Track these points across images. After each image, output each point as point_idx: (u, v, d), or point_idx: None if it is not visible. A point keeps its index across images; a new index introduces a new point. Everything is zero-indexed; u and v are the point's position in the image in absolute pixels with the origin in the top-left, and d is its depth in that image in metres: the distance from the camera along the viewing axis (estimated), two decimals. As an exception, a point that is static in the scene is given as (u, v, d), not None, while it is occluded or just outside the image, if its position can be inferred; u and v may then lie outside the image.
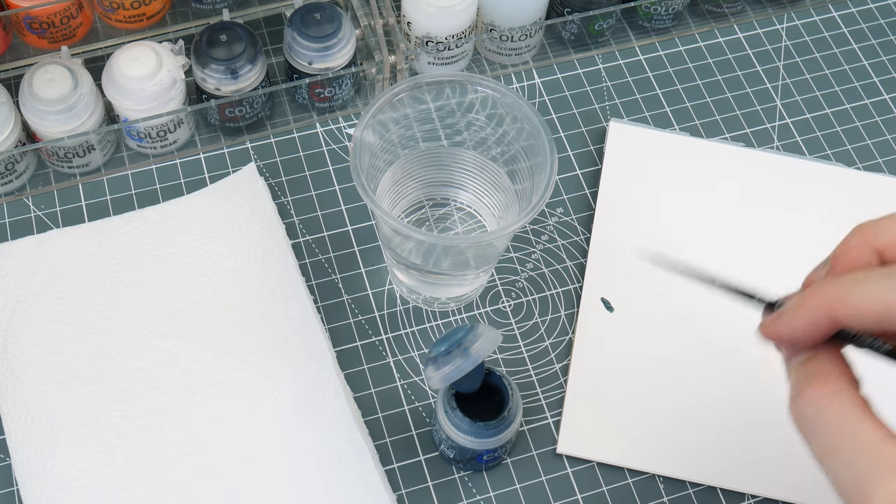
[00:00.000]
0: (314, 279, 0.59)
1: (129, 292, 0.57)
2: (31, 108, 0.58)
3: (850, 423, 0.35)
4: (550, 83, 0.68)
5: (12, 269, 0.57)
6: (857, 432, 0.35)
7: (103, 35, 0.66)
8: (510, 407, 0.50)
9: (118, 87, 0.59)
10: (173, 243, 0.59)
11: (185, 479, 0.52)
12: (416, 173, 0.58)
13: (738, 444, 0.54)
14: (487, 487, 0.54)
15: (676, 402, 0.56)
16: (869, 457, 0.34)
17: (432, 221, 0.59)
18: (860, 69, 0.70)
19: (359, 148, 0.50)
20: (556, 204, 0.63)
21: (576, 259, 0.61)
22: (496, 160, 0.56)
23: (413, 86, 0.52)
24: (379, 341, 0.58)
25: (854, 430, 0.35)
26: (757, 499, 0.54)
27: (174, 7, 0.67)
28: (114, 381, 0.54)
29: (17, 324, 0.56)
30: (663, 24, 0.70)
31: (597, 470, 0.54)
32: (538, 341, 0.58)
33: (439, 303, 0.59)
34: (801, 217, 0.62)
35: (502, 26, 0.66)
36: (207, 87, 0.61)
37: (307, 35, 0.61)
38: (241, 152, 0.64)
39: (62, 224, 0.61)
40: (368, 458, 0.53)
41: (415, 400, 0.56)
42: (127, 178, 0.63)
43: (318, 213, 0.62)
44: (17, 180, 0.61)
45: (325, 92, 0.63)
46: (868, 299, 0.35)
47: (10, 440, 0.53)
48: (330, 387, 0.55)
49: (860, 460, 0.35)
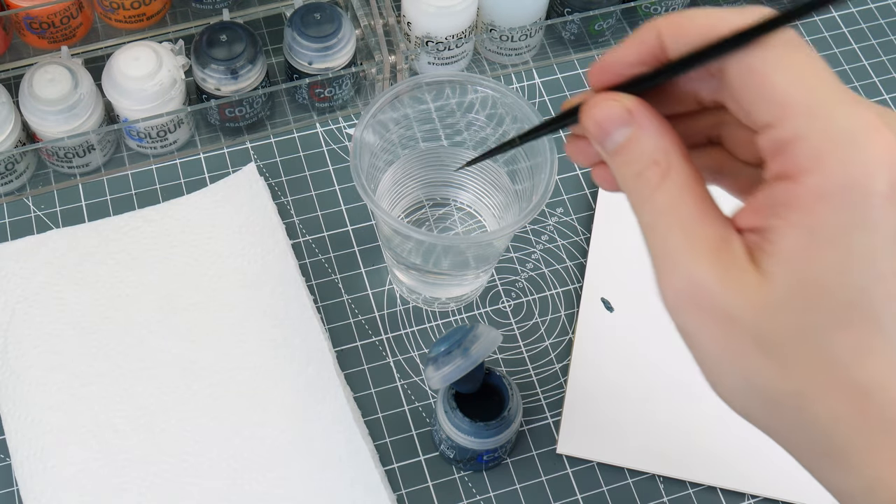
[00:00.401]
0: (314, 279, 0.59)
1: (129, 292, 0.57)
2: (31, 108, 0.58)
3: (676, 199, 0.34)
4: (550, 83, 0.68)
5: (12, 269, 0.57)
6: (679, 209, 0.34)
7: (103, 35, 0.66)
8: (510, 407, 0.50)
9: (118, 87, 0.59)
10: (173, 243, 0.59)
11: (185, 479, 0.52)
12: (416, 173, 0.58)
13: (737, 443, 0.54)
14: (487, 487, 0.54)
15: (676, 401, 0.56)
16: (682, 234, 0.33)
17: (432, 221, 0.59)
18: (860, 69, 0.70)
19: (359, 148, 0.50)
20: (556, 204, 0.63)
21: (576, 259, 0.61)
22: (496, 160, 0.56)
23: (413, 86, 0.52)
24: (379, 341, 0.58)
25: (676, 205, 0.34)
26: (757, 499, 0.54)
27: (174, 7, 0.67)
28: (114, 381, 0.54)
29: (17, 324, 0.56)
30: (663, 24, 0.70)
31: (597, 470, 0.54)
32: (538, 341, 0.58)
33: (439, 303, 0.59)
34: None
35: (502, 26, 0.66)
36: (207, 87, 0.61)
37: (307, 35, 0.61)
38: (241, 152, 0.64)
39: (62, 224, 0.61)
40: (368, 458, 0.53)
41: (415, 400, 0.56)
42: (127, 178, 0.63)
43: (318, 213, 0.62)
44: (17, 180, 0.61)
45: (325, 92, 0.63)
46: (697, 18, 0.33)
47: (10, 440, 0.53)
48: (330, 387, 0.55)
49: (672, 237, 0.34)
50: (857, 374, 0.31)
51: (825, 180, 0.30)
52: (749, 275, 0.32)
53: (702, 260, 0.33)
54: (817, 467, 0.34)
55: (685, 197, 0.34)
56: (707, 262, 0.33)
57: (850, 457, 0.32)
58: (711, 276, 0.32)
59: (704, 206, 0.34)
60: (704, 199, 0.34)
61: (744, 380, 0.33)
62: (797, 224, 0.31)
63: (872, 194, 0.30)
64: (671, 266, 0.33)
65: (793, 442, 0.34)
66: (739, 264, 0.32)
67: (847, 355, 0.31)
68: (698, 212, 0.34)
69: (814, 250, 0.31)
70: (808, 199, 0.30)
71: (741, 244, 0.33)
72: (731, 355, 0.33)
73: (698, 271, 0.33)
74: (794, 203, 0.31)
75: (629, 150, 0.35)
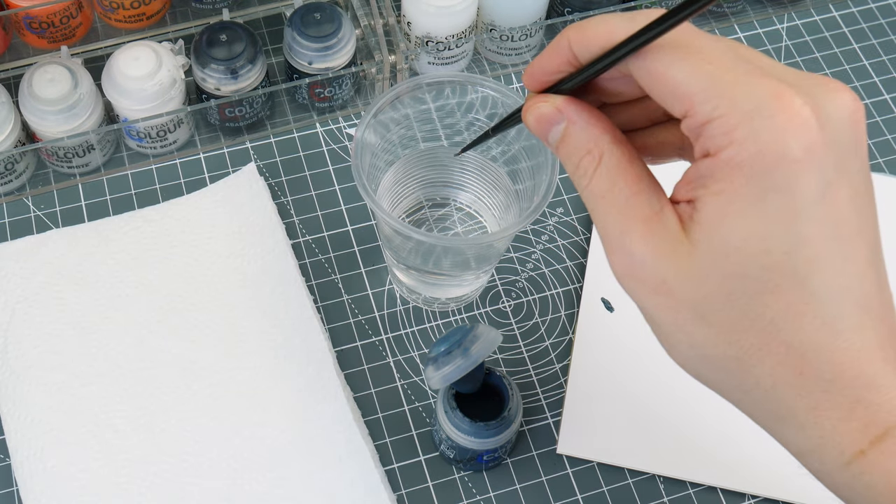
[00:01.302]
0: (314, 279, 0.59)
1: (129, 292, 0.57)
2: (31, 108, 0.58)
3: (609, 183, 0.36)
4: (550, 83, 0.68)
5: (12, 269, 0.57)
6: (612, 189, 0.36)
7: (103, 35, 0.66)
8: (510, 407, 0.50)
9: (118, 87, 0.59)
10: (173, 243, 0.59)
11: (186, 479, 0.52)
12: (416, 173, 0.58)
13: (738, 444, 0.54)
14: (487, 487, 0.54)
15: (677, 402, 0.56)
16: (617, 212, 0.36)
17: (432, 222, 0.59)
18: (860, 69, 0.70)
19: (360, 148, 0.50)
20: (557, 204, 0.63)
21: (576, 259, 0.61)
22: (496, 160, 0.56)
23: (413, 86, 0.52)
24: (379, 341, 0.58)
25: (610, 188, 0.36)
26: (757, 499, 0.54)
27: (174, 7, 0.67)
28: (114, 381, 0.54)
29: (17, 324, 0.56)
30: (663, 24, 0.70)
31: (597, 470, 0.54)
32: (538, 341, 0.58)
33: (439, 303, 0.59)
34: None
35: (502, 26, 0.66)
36: (207, 87, 0.61)
37: (307, 35, 0.61)
38: (241, 152, 0.64)
39: (62, 224, 0.61)
40: (368, 458, 0.53)
41: (415, 400, 0.56)
42: (127, 178, 0.63)
43: (318, 213, 0.62)
44: (16, 180, 0.61)
45: (325, 92, 0.63)
46: (597, 27, 0.36)
47: (10, 440, 0.53)
48: (330, 387, 0.55)
49: (610, 216, 0.36)
50: (790, 336, 0.32)
51: (738, 151, 0.32)
52: (681, 245, 0.34)
53: (635, 235, 0.35)
54: (770, 428, 0.35)
55: (618, 179, 0.36)
56: (640, 236, 0.35)
57: (796, 417, 0.34)
58: (646, 249, 0.34)
59: (638, 186, 0.36)
60: (639, 178, 0.36)
61: (689, 347, 0.35)
62: (717, 192, 0.33)
63: (785, 159, 0.31)
64: (612, 245, 0.35)
65: (745, 404, 0.35)
66: (672, 235, 0.34)
67: (779, 318, 0.32)
68: (630, 191, 0.36)
69: (732, 216, 0.32)
70: (725, 168, 0.32)
71: (674, 216, 0.35)
72: (674, 323, 0.35)
73: (634, 246, 0.35)
74: (715, 174, 0.33)
75: (566, 144, 0.37)
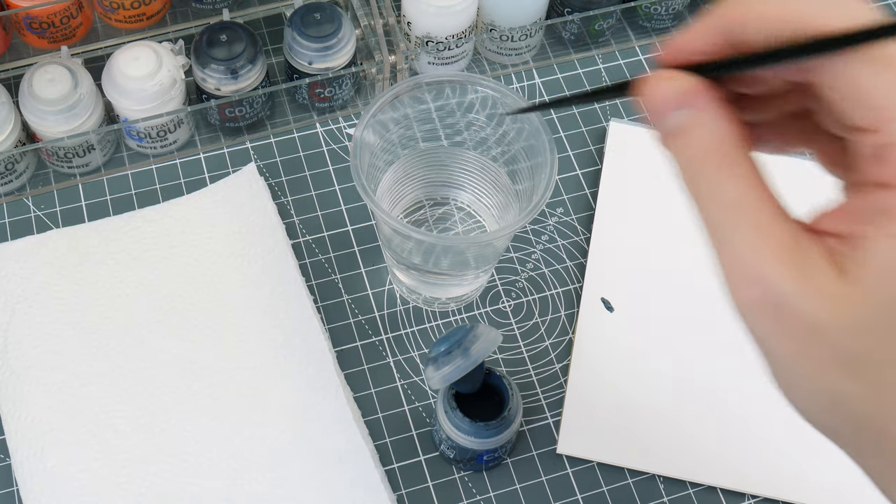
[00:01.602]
0: (314, 279, 0.59)
1: (129, 292, 0.57)
2: (31, 108, 0.58)
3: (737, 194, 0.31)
4: (550, 83, 0.68)
5: (12, 269, 0.57)
6: (743, 203, 0.31)
7: (103, 35, 0.66)
8: (510, 407, 0.50)
9: (118, 87, 0.59)
10: (173, 243, 0.59)
11: (186, 480, 0.52)
12: (416, 173, 0.58)
13: (737, 444, 0.54)
14: (487, 487, 0.54)
15: (677, 402, 0.56)
16: (749, 231, 0.31)
17: (432, 222, 0.59)
18: (860, 69, 0.70)
19: (359, 148, 0.50)
20: (556, 204, 0.63)
21: (576, 259, 0.61)
22: (496, 160, 0.56)
23: (413, 86, 0.52)
24: (379, 341, 0.58)
25: (740, 200, 0.31)
26: (757, 499, 0.54)
27: (174, 7, 0.67)
28: (114, 381, 0.54)
29: (17, 324, 0.56)
30: (663, 24, 0.70)
31: (597, 470, 0.54)
32: (538, 341, 0.58)
33: (439, 303, 0.59)
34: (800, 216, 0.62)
35: (502, 26, 0.66)
36: (207, 87, 0.61)
37: (307, 35, 0.61)
38: (241, 152, 0.64)
39: (62, 224, 0.61)
40: (368, 458, 0.53)
41: (415, 400, 0.56)
42: (127, 178, 0.63)
43: (318, 213, 0.62)
44: (17, 180, 0.61)
45: (325, 92, 0.63)
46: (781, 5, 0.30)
47: (10, 440, 0.53)
48: (330, 387, 0.55)
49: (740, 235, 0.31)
50: None
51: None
52: (833, 284, 0.29)
53: (776, 262, 0.30)
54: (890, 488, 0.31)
55: (752, 192, 0.31)
56: (782, 264, 0.30)
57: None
58: (789, 280, 0.29)
59: (773, 204, 0.31)
60: (771, 195, 0.31)
61: (820, 393, 0.30)
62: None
63: None
64: (742, 268, 0.31)
65: (866, 458, 0.31)
66: (821, 270, 0.29)
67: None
68: (767, 209, 0.31)
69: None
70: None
71: (818, 248, 0.30)
72: (808, 367, 0.30)
73: (773, 275, 0.30)
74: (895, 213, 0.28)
75: (686, 137, 0.31)
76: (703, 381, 0.56)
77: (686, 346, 0.57)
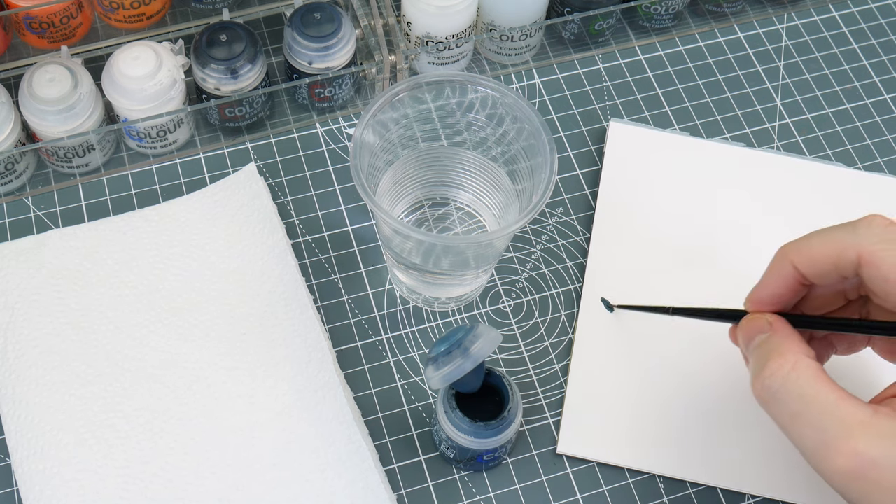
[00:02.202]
0: (314, 279, 0.59)
1: (128, 292, 0.57)
2: (31, 108, 0.58)
3: (810, 389, 0.40)
4: (550, 83, 0.68)
5: (12, 269, 0.57)
6: (818, 395, 0.39)
7: (103, 35, 0.66)
8: (510, 407, 0.50)
9: (118, 87, 0.59)
10: (173, 243, 0.59)
11: (185, 479, 0.52)
12: (416, 173, 0.58)
13: (738, 444, 0.54)
14: (487, 487, 0.54)
15: (676, 401, 0.56)
16: (830, 416, 0.38)
17: (432, 221, 0.59)
18: (860, 69, 0.70)
19: (359, 148, 0.50)
20: (556, 204, 0.63)
21: (576, 259, 0.61)
22: (496, 160, 0.56)
23: (413, 86, 0.52)
24: (379, 341, 0.58)
25: (814, 394, 0.39)
26: (757, 499, 0.54)
27: (174, 7, 0.67)
28: (114, 381, 0.54)
29: (17, 324, 0.56)
30: (663, 23, 0.70)
31: (597, 470, 0.54)
32: (538, 341, 0.58)
33: (439, 303, 0.59)
34: (800, 217, 0.62)
35: (502, 26, 0.66)
36: (207, 87, 0.61)
37: (307, 35, 0.61)
38: (241, 152, 0.64)
39: (62, 224, 0.61)
40: (368, 458, 0.53)
41: (415, 400, 0.56)
42: (127, 178, 0.63)
43: (318, 213, 0.62)
44: (16, 180, 0.61)
45: (325, 92, 0.63)
46: (822, 246, 0.41)
47: (10, 440, 0.53)
48: (330, 387, 0.55)
49: (823, 420, 0.39)
50: None
51: None
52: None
53: (861, 436, 0.37)
54: None
55: (819, 385, 0.39)
56: (867, 436, 0.37)
57: None
58: (878, 449, 0.37)
59: (841, 392, 0.39)
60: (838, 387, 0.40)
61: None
62: None
63: None
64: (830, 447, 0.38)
65: None
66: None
67: None
68: (837, 396, 0.39)
69: None
70: None
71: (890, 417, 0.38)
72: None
73: (862, 447, 0.37)
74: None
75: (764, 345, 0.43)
76: (703, 381, 0.56)
77: (686, 346, 0.57)
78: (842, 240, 0.41)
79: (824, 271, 0.42)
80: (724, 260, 0.60)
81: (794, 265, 0.43)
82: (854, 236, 0.40)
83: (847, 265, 0.41)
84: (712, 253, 0.60)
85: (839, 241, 0.41)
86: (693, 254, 0.60)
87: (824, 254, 0.41)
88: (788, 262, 0.43)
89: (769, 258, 0.48)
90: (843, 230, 0.41)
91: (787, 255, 0.43)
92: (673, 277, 0.59)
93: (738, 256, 0.60)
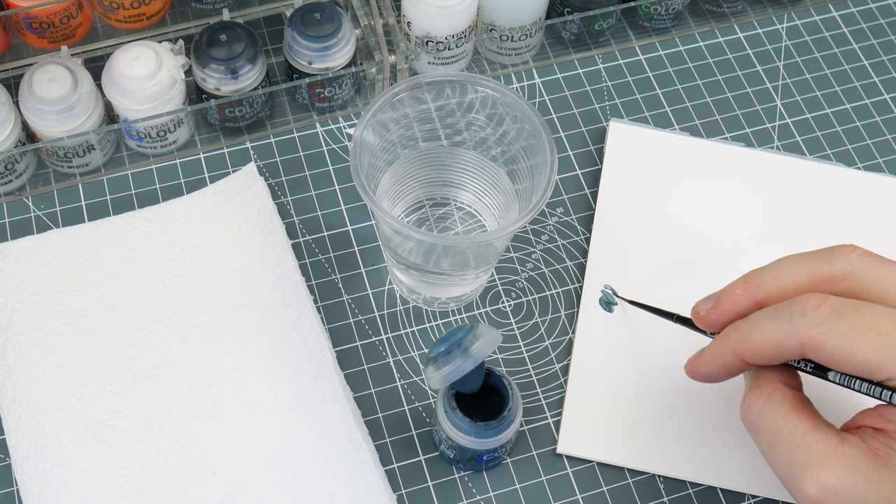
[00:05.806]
0: (314, 279, 0.59)
1: (129, 292, 0.57)
2: (31, 108, 0.58)
3: (783, 420, 0.41)
4: (550, 83, 0.68)
5: (12, 269, 0.57)
6: (788, 426, 0.41)
7: (103, 35, 0.66)
8: (510, 407, 0.50)
9: (118, 86, 0.59)
10: (173, 243, 0.59)
11: (185, 479, 0.52)
12: (416, 173, 0.58)
13: (738, 444, 0.54)
14: (487, 487, 0.54)
15: (676, 402, 0.56)
16: (797, 448, 0.40)
17: (432, 221, 0.59)
18: (860, 69, 0.70)
19: (359, 148, 0.50)
20: (556, 204, 0.63)
21: (576, 259, 0.61)
22: (496, 160, 0.56)
23: (413, 86, 0.52)
24: (379, 341, 0.58)
25: (785, 424, 0.41)
26: (757, 499, 0.54)
27: (174, 7, 0.67)
28: (114, 381, 0.54)
29: (17, 324, 0.56)
30: (663, 24, 0.70)
31: (597, 470, 0.54)
32: (538, 341, 0.58)
33: (439, 303, 0.59)
34: (801, 217, 0.62)
35: (502, 26, 0.66)
36: (207, 86, 0.61)
37: (307, 35, 0.61)
38: (241, 152, 0.64)
39: (62, 224, 0.61)
40: (368, 458, 0.53)
41: (415, 400, 0.56)
42: (127, 178, 0.63)
43: (318, 213, 0.62)
44: (16, 180, 0.61)
45: (325, 92, 0.63)
46: (762, 338, 0.42)
47: (10, 440, 0.53)
48: (330, 387, 0.55)
49: (790, 452, 0.40)
50: None
51: None
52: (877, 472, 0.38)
53: (823, 467, 0.39)
54: None
55: (791, 415, 0.41)
56: (829, 467, 0.39)
57: None
58: (839, 479, 0.39)
59: (813, 422, 0.41)
60: (812, 416, 0.42)
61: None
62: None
63: None
64: (798, 478, 0.40)
65: None
66: (863, 464, 0.39)
67: None
68: (806, 426, 0.41)
69: None
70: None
71: (857, 445, 0.39)
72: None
73: (823, 477, 0.39)
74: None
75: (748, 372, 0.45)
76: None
77: (686, 347, 0.57)
78: (781, 330, 0.42)
79: (769, 357, 0.43)
80: (723, 260, 0.60)
81: (736, 354, 0.44)
82: (790, 325, 0.41)
83: (790, 352, 0.42)
84: (712, 253, 0.60)
85: (778, 331, 0.42)
86: (693, 254, 0.60)
87: (766, 344, 0.42)
88: (731, 351, 0.44)
89: (769, 259, 0.48)
90: (778, 318, 0.42)
91: (730, 344, 0.44)
92: (673, 277, 0.59)
93: (737, 256, 0.60)
